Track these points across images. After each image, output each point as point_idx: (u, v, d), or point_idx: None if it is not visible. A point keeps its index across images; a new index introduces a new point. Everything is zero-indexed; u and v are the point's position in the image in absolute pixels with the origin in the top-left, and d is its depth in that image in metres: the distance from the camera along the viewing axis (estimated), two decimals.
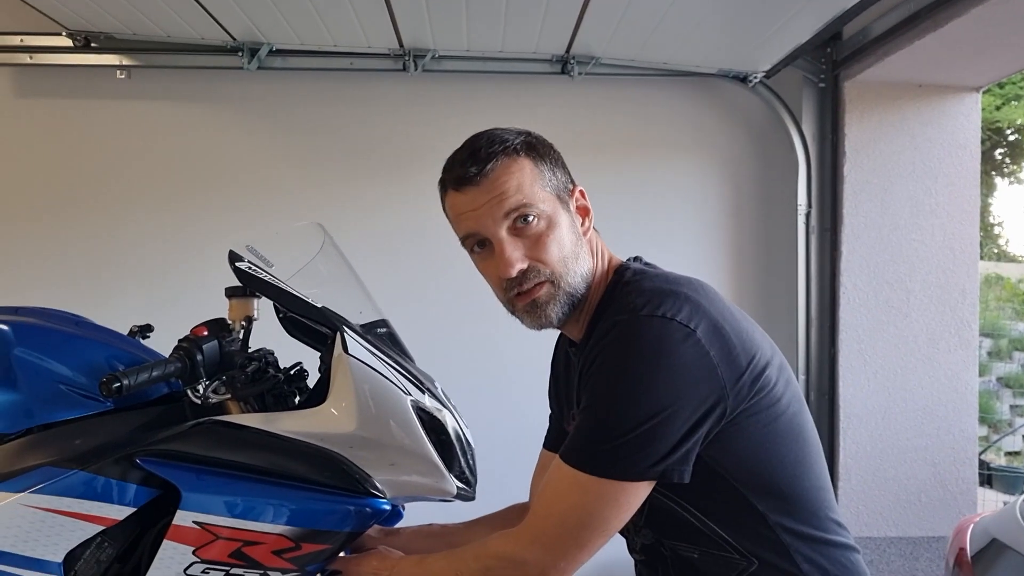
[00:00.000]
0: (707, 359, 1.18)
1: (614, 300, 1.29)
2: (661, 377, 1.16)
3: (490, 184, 1.28)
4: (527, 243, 1.29)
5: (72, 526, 1.32)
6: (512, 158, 1.30)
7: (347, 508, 1.39)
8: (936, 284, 3.45)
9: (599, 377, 1.21)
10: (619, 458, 1.17)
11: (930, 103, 3.45)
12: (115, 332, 1.58)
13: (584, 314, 1.35)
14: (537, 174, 1.30)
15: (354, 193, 3.35)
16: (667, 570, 1.37)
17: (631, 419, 1.16)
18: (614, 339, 1.20)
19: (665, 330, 1.17)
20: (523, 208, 1.28)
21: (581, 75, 3.33)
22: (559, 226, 1.30)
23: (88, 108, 3.29)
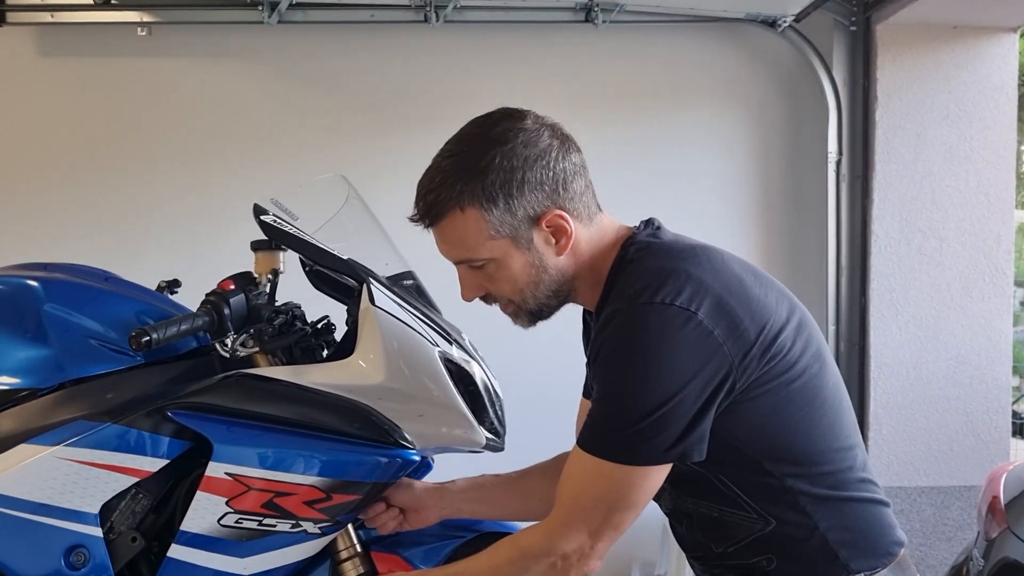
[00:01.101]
0: (711, 339, 1.17)
1: (619, 277, 1.28)
2: (666, 364, 1.17)
3: (436, 231, 1.30)
4: (483, 277, 1.31)
5: (107, 478, 1.34)
6: (454, 212, 1.25)
7: (377, 459, 1.40)
8: (970, 231, 3.39)
9: (607, 369, 1.22)
10: (636, 445, 1.19)
11: (965, 45, 3.35)
12: (143, 287, 1.59)
13: (590, 287, 1.34)
14: (483, 225, 1.25)
15: (377, 146, 3.33)
16: (692, 525, 1.39)
17: (643, 407, 1.17)
18: (615, 330, 1.20)
19: (665, 317, 1.17)
20: (467, 261, 1.30)
21: (605, 23, 3.26)
22: (508, 267, 1.28)
23: (110, 66, 3.28)
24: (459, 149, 1.28)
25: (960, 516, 3.33)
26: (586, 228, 1.31)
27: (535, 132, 1.27)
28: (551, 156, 1.26)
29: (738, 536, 1.32)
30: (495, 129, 1.27)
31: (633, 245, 1.30)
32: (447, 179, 1.25)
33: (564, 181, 1.27)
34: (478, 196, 1.24)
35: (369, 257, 1.49)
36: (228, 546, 1.37)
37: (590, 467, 1.23)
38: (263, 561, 1.39)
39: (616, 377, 1.21)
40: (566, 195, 1.27)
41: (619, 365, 1.20)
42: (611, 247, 1.32)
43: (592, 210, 1.32)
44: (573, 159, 1.29)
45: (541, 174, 1.25)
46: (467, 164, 1.25)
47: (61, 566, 1.33)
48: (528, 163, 1.24)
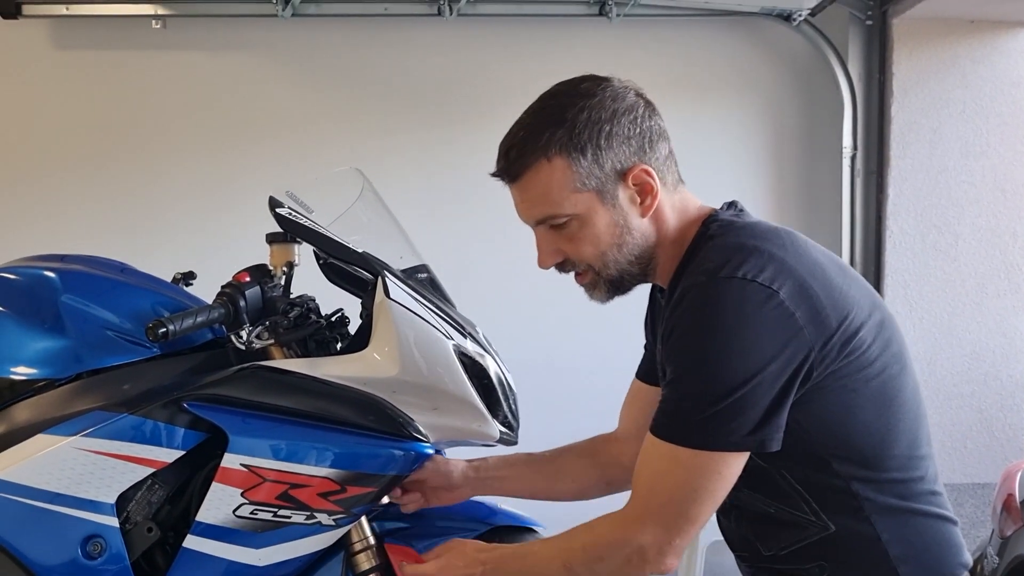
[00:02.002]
0: (792, 320, 1.12)
1: (698, 253, 1.23)
2: (747, 342, 1.11)
3: (519, 189, 1.25)
4: (562, 239, 1.26)
5: (123, 468, 1.35)
6: (540, 163, 1.21)
7: (391, 452, 1.40)
8: (986, 227, 3.37)
9: (682, 346, 1.16)
10: (715, 428, 1.13)
11: (982, 39, 3.33)
12: (159, 279, 1.60)
13: (667, 260, 1.28)
14: (569, 176, 1.21)
15: (391, 139, 3.33)
16: (741, 519, 1.33)
17: (721, 387, 1.11)
18: (691, 305, 1.15)
19: (745, 292, 1.12)
20: (549, 218, 1.24)
21: (619, 17, 3.25)
22: (593, 224, 1.23)
23: (124, 58, 3.29)
24: (544, 104, 1.25)
25: (974, 513, 3.32)
26: (669, 195, 1.27)
27: (622, 89, 1.25)
28: (638, 112, 1.24)
29: (792, 538, 1.26)
30: (581, 86, 1.25)
31: (715, 222, 1.26)
32: (533, 130, 1.22)
33: (651, 140, 1.24)
34: (566, 145, 1.20)
35: (384, 250, 1.49)
36: (243, 537, 1.37)
37: (665, 455, 1.17)
38: (278, 552, 1.39)
39: (692, 355, 1.15)
40: (652, 154, 1.24)
41: (695, 342, 1.15)
42: (692, 222, 1.28)
43: (675, 179, 1.29)
44: (659, 122, 1.26)
45: (629, 128, 1.22)
46: (554, 115, 1.22)
47: (78, 555, 1.34)
48: (616, 116, 1.22)
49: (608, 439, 1.58)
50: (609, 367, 3.23)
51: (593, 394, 3.20)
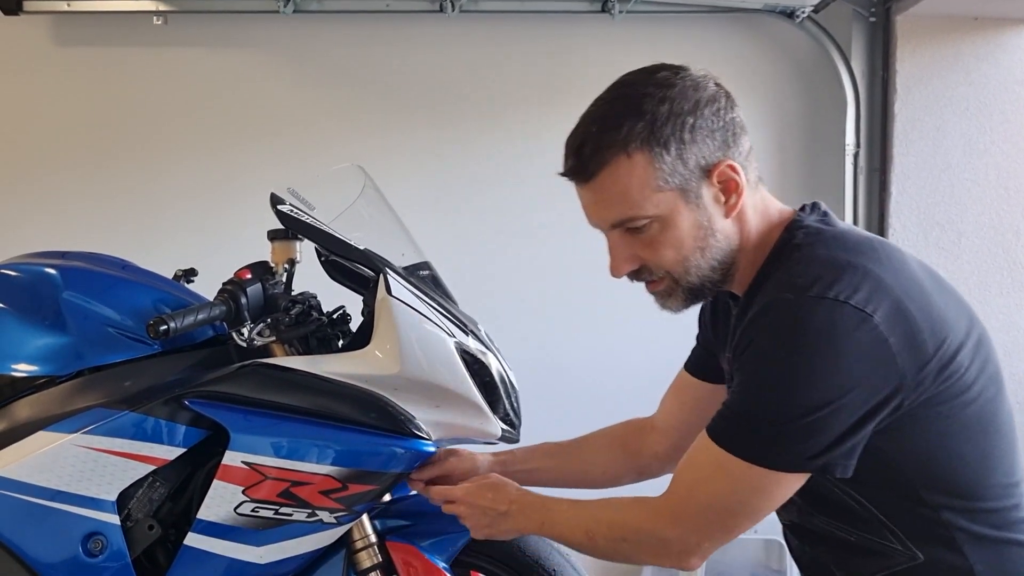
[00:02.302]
0: (885, 347, 1.03)
1: (782, 262, 1.14)
2: (830, 367, 1.03)
3: (593, 187, 1.13)
4: (638, 244, 1.15)
5: (124, 466, 1.35)
6: (619, 159, 1.10)
7: (392, 450, 1.40)
8: (989, 225, 3.35)
9: (760, 362, 1.08)
10: (777, 446, 1.06)
11: (986, 37, 3.31)
12: (160, 276, 1.60)
13: (745, 266, 1.19)
14: (651, 173, 1.10)
15: (393, 136, 3.32)
16: (816, 543, 1.24)
17: (794, 408, 1.04)
18: (777, 322, 1.06)
19: (837, 315, 1.03)
20: (627, 221, 1.13)
21: (622, 13, 3.24)
22: (676, 226, 1.12)
23: (126, 55, 3.28)
24: (618, 94, 1.14)
25: None
26: (751, 194, 1.17)
27: (701, 78, 1.15)
28: (721, 103, 1.13)
29: (875, 567, 1.17)
30: (657, 75, 1.14)
31: (801, 229, 1.16)
32: (609, 123, 1.10)
33: (734, 133, 1.14)
34: (647, 139, 1.09)
35: (385, 247, 1.49)
36: (244, 535, 1.37)
37: (716, 459, 1.10)
38: (279, 550, 1.39)
39: (769, 371, 1.07)
40: (736, 149, 1.14)
41: (775, 359, 1.06)
42: (775, 225, 1.19)
43: (756, 176, 1.19)
44: (739, 115, 1.16)
45: (712, 120, 1.12)
46: (631, 106, 1.10)
47: (78, 553, 1.34)
48: (699, 107, 1.11)
49: (643, 427, 1.53)
50: (618, 368, 3.24)
51: (602, 394, 3.20)
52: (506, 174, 3.28)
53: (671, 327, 2.74)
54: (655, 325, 3.10)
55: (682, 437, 1.45)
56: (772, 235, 1.18)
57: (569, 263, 3.25)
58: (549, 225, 3.22)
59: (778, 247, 1.17)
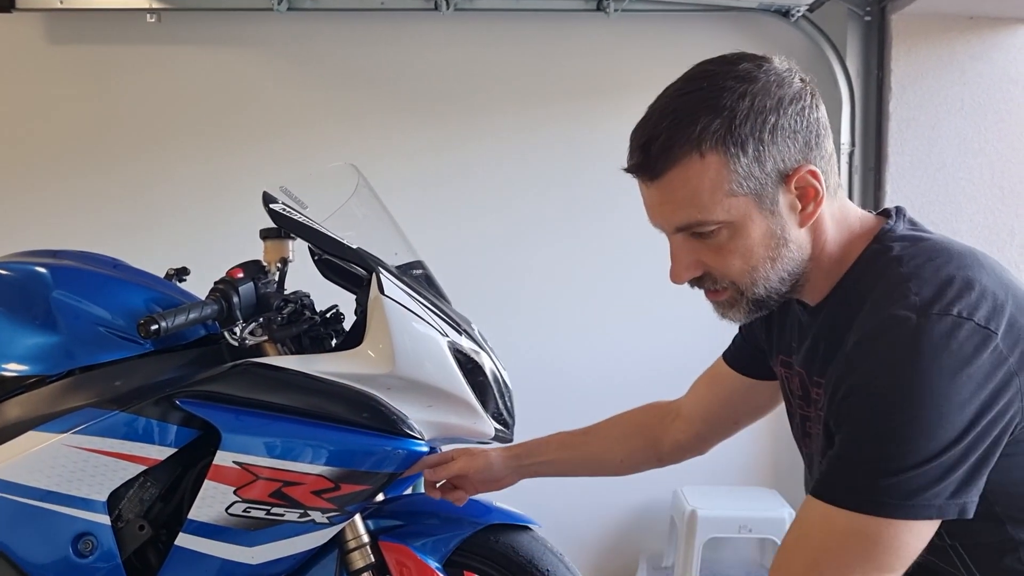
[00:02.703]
0: (1006, 367, 0.95)
1: (878, 275, 1.04)
2: (963, 393, 0.93)
3: (660, 186, 1.04)
4: (704, 250, 1.06)
5: (115, 466, 1.34)
6: (691, 158, 1.01)
7: (384, 449, 1.40)
8: (983, 224, 3.36)
9: (876, 394, 0.96)
10: (914, 493, 0.94)
11: (981, 36, 3.31)
12: (152, 275, 1.59)
13: (819, 277, 1.11)
14: (725, 175, 1.01)
15: (387, 135, 3.31)
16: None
17: (930, 446, 0.93)
18: (898, 344, 0.95)
19: (963, 334, 0.94)
20: (694, 225, 1.04)
21: (617, 12, 3.23)
22: (746, 235, 1.04)
23: (119, 53, 3.27)
24: (694, 87, 1.04)
25: None
26: (830, 202, 1.07)
27: (786, 73, 1.04)
28: (806, 101, 1.03)
29: None
30: (739, 66, 1.03)
31: (896, 241, 1.07)
32: (682, 119, 1.01)
33: (817, 135, 1.04)
34: (723, 138, 1.00)
35: (378, 246, 1.49)
36: (236, 535, 1.37)
37: (840, 525, 0.97)
38: (271, 550, 1.39)
39: (899, 403, 0.94)
40: (819, 153, 1.04)
41: (905, 388, 0.94)
42: (858, 236, 1.10)
43: (836, 182, 1.08)
44: (824, 113, 1.06)
45: (796, 120, 1.02)
46: (708, 101, 1.01)
47: (69, 553, 1.34)
48: (782, 105, 1.01)
49: (666, 412, 1.48)
50: (613, 366, 3.24)
51: (596, 393, 3.20)
52: (499, 171, 3.28)
53: (668, 327, 2.74)
54: (652, 325, 3.11)
55: (708, 427, 1.43)
56: (855, 245, 1.10)
57: (564, 262, 3.25)
58: (545, 223, 3.22)
59: (867, 259, 1.08)
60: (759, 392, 1.36)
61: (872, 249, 1.08)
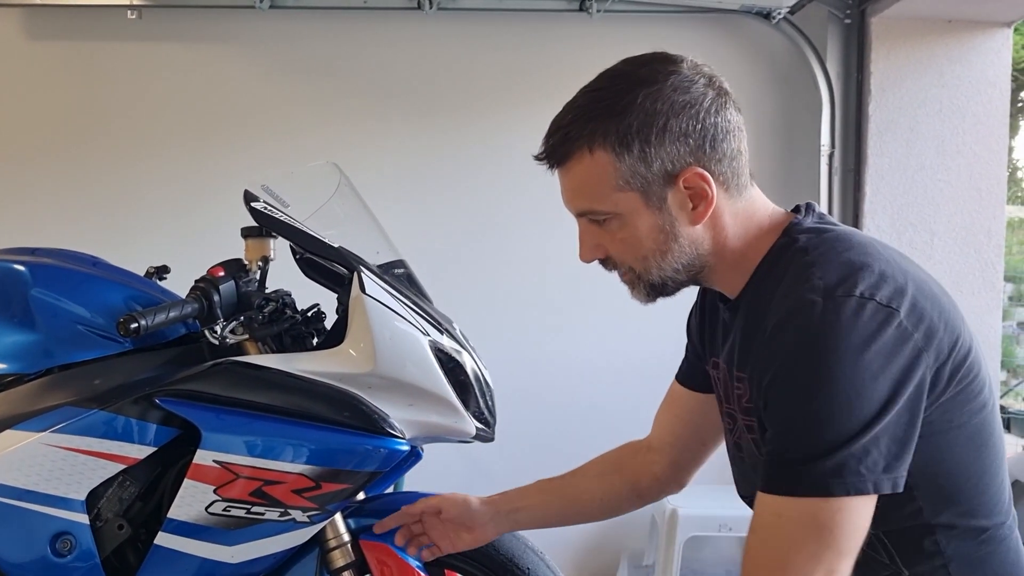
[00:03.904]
0: (912, 342, 1.00)
1: (786, 266, 1.09)
2: (875, 368, 0.98)
3: (562, 175, 1.14)
4: (603, 235, 1.14)
5: (94, 465, 1.33)
6: (582, 152, 1.09)
7: (366, 448, 1.40)
8: (961, 225, 3.39)
9: (798, 375, 1.00)
10: (853, 468, 0.98)
11: (959, 39, 3.35)
12: (132, 273, 1.58)
13: (729, 270, 1.16)
14: (611, 172, 1.08)
15: (369, 134, 3.31)
16: None
17: (855, 419, 0.97)
18: (807, 327, 1.00)
19: (866, 313, 0.99)
20: (589, 213, 1.13)
21: (600, 12, 3.25)
22: (634, 227, 1.11)
23: (99, 49, 3.24)
24: (601, 85, 1.12)
25: None
26: (732, 200, 1.13)
27: (689, 78, 1.09)
28: (702, 106, 1.08)
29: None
30: (644, 69, 1.10)
31: (803, 233, 1.12)
32: (581, 116, 1.09)
33: (713, 138, 1.09)
34: (610, 138, 1.07)
35: (360, 245, 1.48)
36: (216, 534, 1.36)
37: (792, 515, 1.00)
38: (251, 549, 1.38)
39: (815, 386, 0.99)
40: (712, 155, 1.09)
41: (818, 370, 0.98)
42: (766, 231, 1.15)
43: (743, 181, 1.14)
44: (728, 116, 1.11)
45: (687, 124, 1.07)
46: (606, 101, 1.08)
47: (47, 553, 1.33)
48: (674, 109, 1.07)
49: (637, 449, 1.49)
50: (595, 365, 3.25)
51: (579, 393, 3.21)
52: (482, 172, 3.28)
53: (650, 325, 2.75)
54: (634, 323, 3.11)
55: (679, 453, 1.44)
56: (764, 240, 1.15)
57: (546, 259, 3.25)
58: (526, 222, 3.23)
59: (777, 251, 1.13)
60: (715, 407, 1.37)
61: (780, 243, 1.13)
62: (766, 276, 1.12)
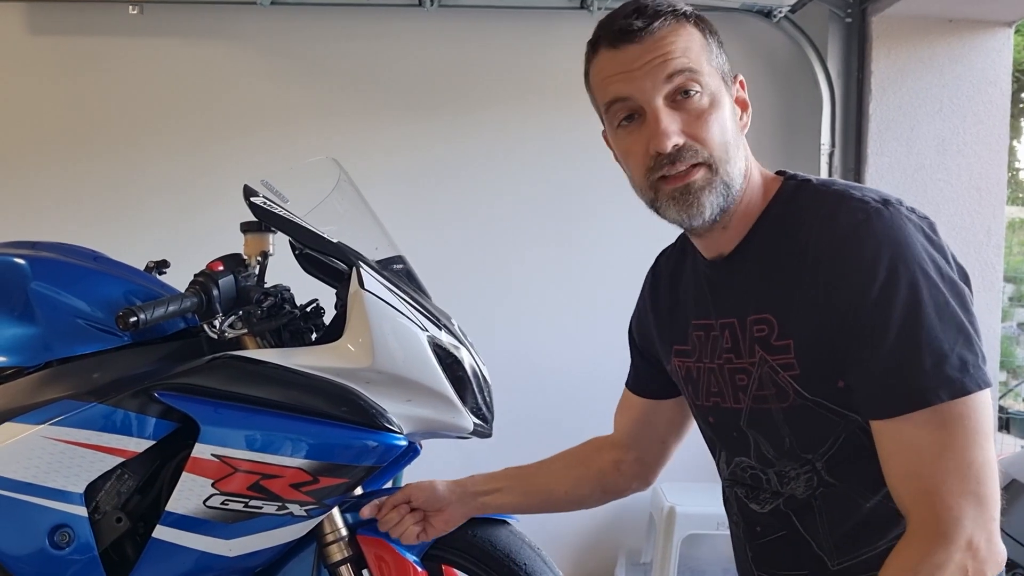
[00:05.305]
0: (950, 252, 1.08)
1: (809, 199, 1.12)
2: (951, 267, 1.04)
3: (655, 42, 1.07)
4: (686, 118, 1.08)
5: (92, 458, 1.34)
6: (682, 23, 1.10)
7: (363, 443, 1.40)
8: (961, 225, 3.39)
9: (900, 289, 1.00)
10: (972, 363, 0.99)
11: (960, 38, 3.35)
12: (132, 267, 1.59)
13: (737, 222, 1.15)
14: (706, 46, 1.11)
15: (369, 129, 3.31)
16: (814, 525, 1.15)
17: (958, 319, 1.00)
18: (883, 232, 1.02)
19: (919, 220, 1.06)
20: (688, 75, 1.07)
21: (601, 9, 3.25)
22: (723, 107, 1.10)
23: (100, 44, 3.25)
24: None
25: None
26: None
27: None
28: None
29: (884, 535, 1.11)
30: None
31: (804, 180, 1.17)
32: (668, 4, 1.11)
33: None
34: (701, 23, 1.13)
35: (359, 241, 1.49)
36: (214, 527, 1.37)
37: (936, 423, 0.98)
38: (249, 543, 1.39)
39: (913, 288, 1.00)
40: None
41: (915, 274, 1.00)
42: (769, 178, 1.19)
43: None
44: None
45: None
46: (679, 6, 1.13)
47: (45, 545, 1.33)
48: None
49: (602, 445, 1.52)
50: (592, 361, 3.25)
51: (574, 388, 3.21)
52: (483, 168, 3.29)
53: None
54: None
55: (641, 451, 1.48)
56: (767, 187, 1.18)
57: (545, 257, 3.26)
58: (527, 218, 3.23)
59: (787, 192, 1.16)
60: (666, 409, 1.42)
61: (788, 185, 1.17)
62: (782, 215, 1.14)
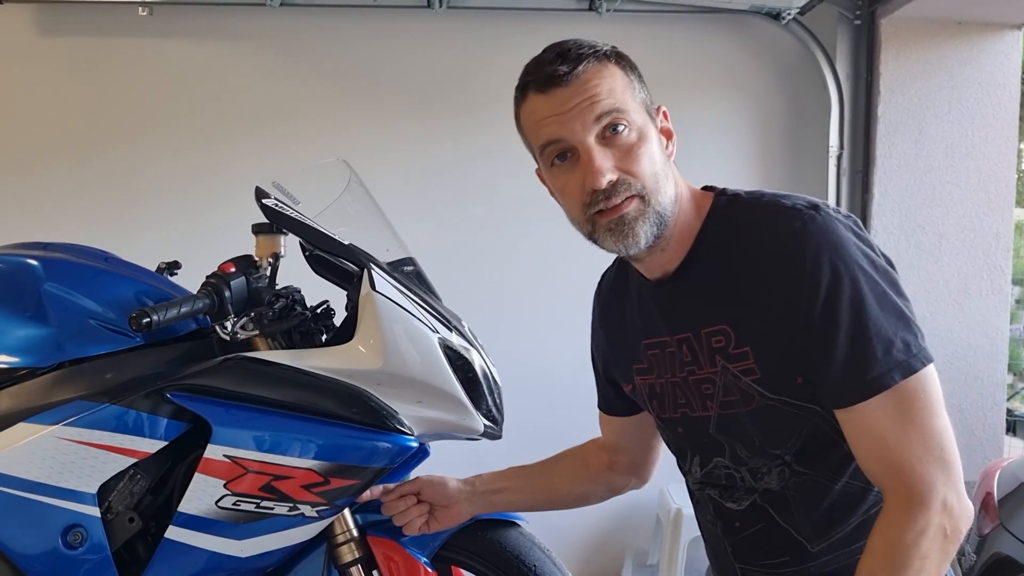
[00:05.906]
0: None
1: (744, 213, 1.18)
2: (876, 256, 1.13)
3: (581, 85, 1.12)
4: (617, 154, 1.13)
5: (105, 458, 1.34)
6: (603, 63, 1.14)
7: (374, 444, 1.40)
8: (969, 228, 3.39)
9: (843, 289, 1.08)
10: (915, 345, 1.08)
11: (969, 41, 3.34)
12: (143, 268, 1.59)
13: (675, 244, 1.20)
14: (628, 84, 1.16)
15: (379, 131, 3.32)
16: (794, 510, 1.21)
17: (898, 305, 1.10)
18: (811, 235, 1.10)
19: (844, 219, 1.15)
20: (615, 114, 1.12)
21: (609, 11, 3.25)
22: (650, 139, 1.15)
23: (110, 46, 3.26)
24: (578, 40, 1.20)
25: None
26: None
27: None
28: None
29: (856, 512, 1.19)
30: None
31: (729, 193, 1.23)
32: (588, 41, 1.17)
33: None
34: (621, 60, 1.18)
35: (370, 242, 1.49)
36: (225, 528, 1.37)
37: (894, 403, 1.07)
38: (260, 543, 1.39)
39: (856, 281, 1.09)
40: None
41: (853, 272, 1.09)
42: (698, 195, 1.24)
43: None
44: None
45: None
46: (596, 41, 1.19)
47: (58, 545, 1.34)
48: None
49: (600, 446, 1.56)
50: None
51: (587, 394, 3.21)
52: (491, 168, 3.29)
53: None
54: None
55: (632, 455, 1.53)
56: (699, 206, 1.22)
57: (556, 260, 3.26)
58: (536, 220, 3.23)
59: (721, 209, 1.21)
60: (642, 419, 1.45)
61: (720, 200, 1.22)
62: (719, 230, 1.20)
